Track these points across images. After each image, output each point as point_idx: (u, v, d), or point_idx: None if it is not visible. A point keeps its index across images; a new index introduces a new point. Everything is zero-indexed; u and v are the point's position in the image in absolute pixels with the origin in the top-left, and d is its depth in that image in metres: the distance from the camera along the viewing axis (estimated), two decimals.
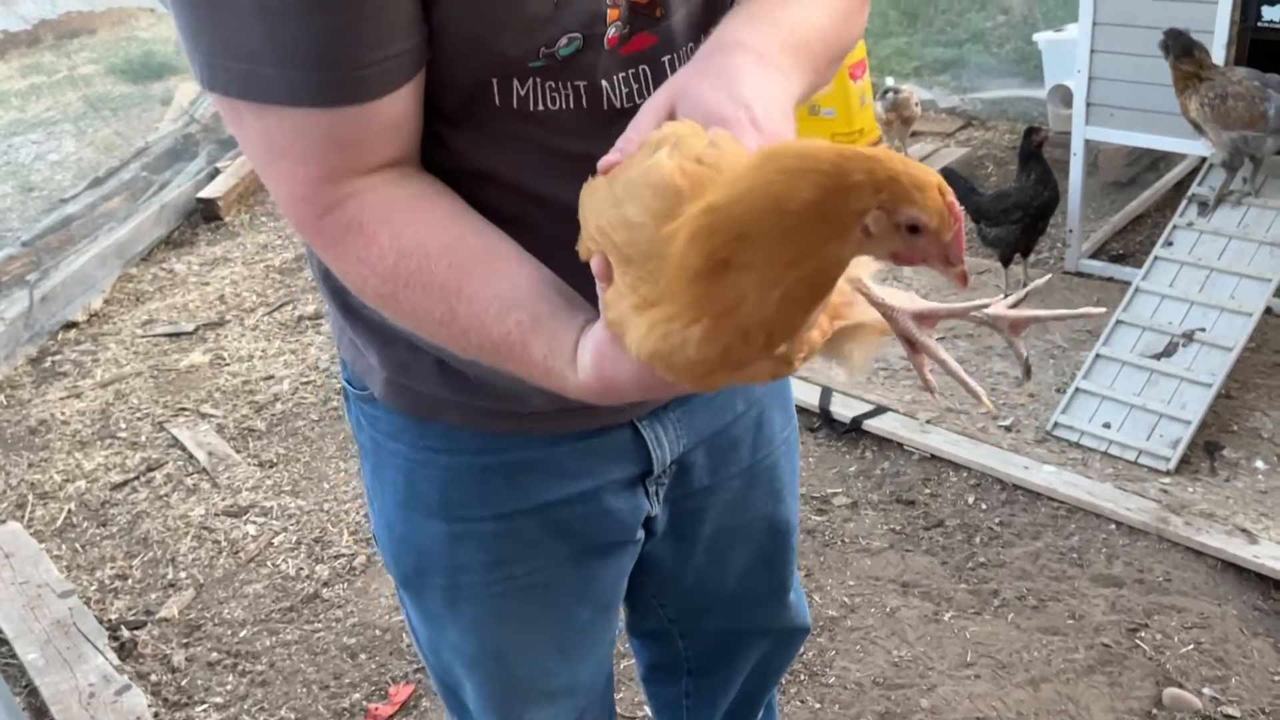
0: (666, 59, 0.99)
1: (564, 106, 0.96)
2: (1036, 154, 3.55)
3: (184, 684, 2.60)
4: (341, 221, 0.91)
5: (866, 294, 0.88)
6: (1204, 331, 3.00)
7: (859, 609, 2.59)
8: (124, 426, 3.68)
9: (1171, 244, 3.22)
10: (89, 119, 6.64)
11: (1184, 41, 3.09)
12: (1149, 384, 2.98)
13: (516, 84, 0.94)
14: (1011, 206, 3.55)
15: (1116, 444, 2.93)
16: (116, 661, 2.63)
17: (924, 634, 2.49)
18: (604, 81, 0.96)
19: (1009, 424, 3.12)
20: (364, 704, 2.49)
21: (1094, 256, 3.94)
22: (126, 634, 2.74)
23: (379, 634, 2.67)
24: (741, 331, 0.72)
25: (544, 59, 0.93)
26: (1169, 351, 3.02)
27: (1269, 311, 3.17)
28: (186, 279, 4.73)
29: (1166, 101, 3.22)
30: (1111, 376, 3.04)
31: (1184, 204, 3.29)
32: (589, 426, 1.17)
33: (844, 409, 3.19)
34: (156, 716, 2.51)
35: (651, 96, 0.87)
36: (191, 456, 3.48)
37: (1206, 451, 2.90)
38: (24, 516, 3.27)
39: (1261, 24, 3.15)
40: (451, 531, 1.19)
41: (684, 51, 1.00)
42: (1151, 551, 2.62)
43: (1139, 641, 2.39)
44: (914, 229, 0.70)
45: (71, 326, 4.36)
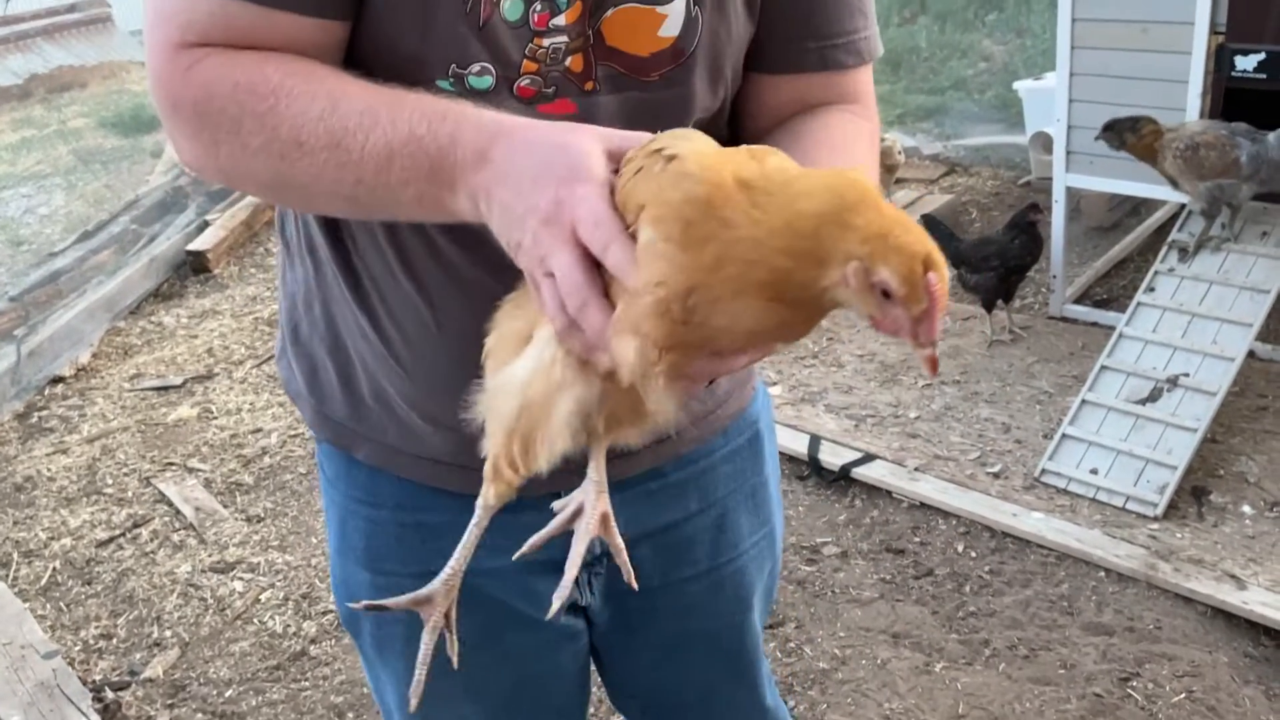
0: None
1: None
2: (1028, 226, 3.59)
3: None
4: (214, 61, 0.89)
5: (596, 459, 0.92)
6: (1188, 376, 3.02)
7: (850, 661, 2.57)
8: (110, 482, 3.66)
9: (1154, 290, 3.25)
10: (79, 172, 6.68)
11: (1124, 122, 3.16)
12: (1135, 429, 3.00)
13: None
14: (991, 255, 3.60)
15: (1104, 490, 2.93)
16: None
17: (915, 685, 2.47)
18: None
19: (997, 470, 3.13)
20: None
21: (1078, 301, 3.97)
22: (110, 695, 2.70)
23: (366, 692, 2.64)
24: (699, 251, 0.74)
25: (453, 80, 0.94)
26: (1154, 397, 3.03)
27: (1251, 355, 3.20)
28: (175, 332, 4.72)
29: None
30: (1098, 422, 3.06)
31: (1165, 250, 3.32)
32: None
33: (832, 457, 3.20)
34: None
35: None
36: (178, 512, 3.46)
37: (1194, 496, 2.91)
38: (8, 575, 3.24)
39: (1235, 74, 3.20)
40: (375, 583, 1.20)
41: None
42: (1141, 599, 2.62)
43: (1131, 691, 2.38)
44: (887, 294, 0.72)
45: (59, 381, 4.35)
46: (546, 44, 0.95)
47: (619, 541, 0.94)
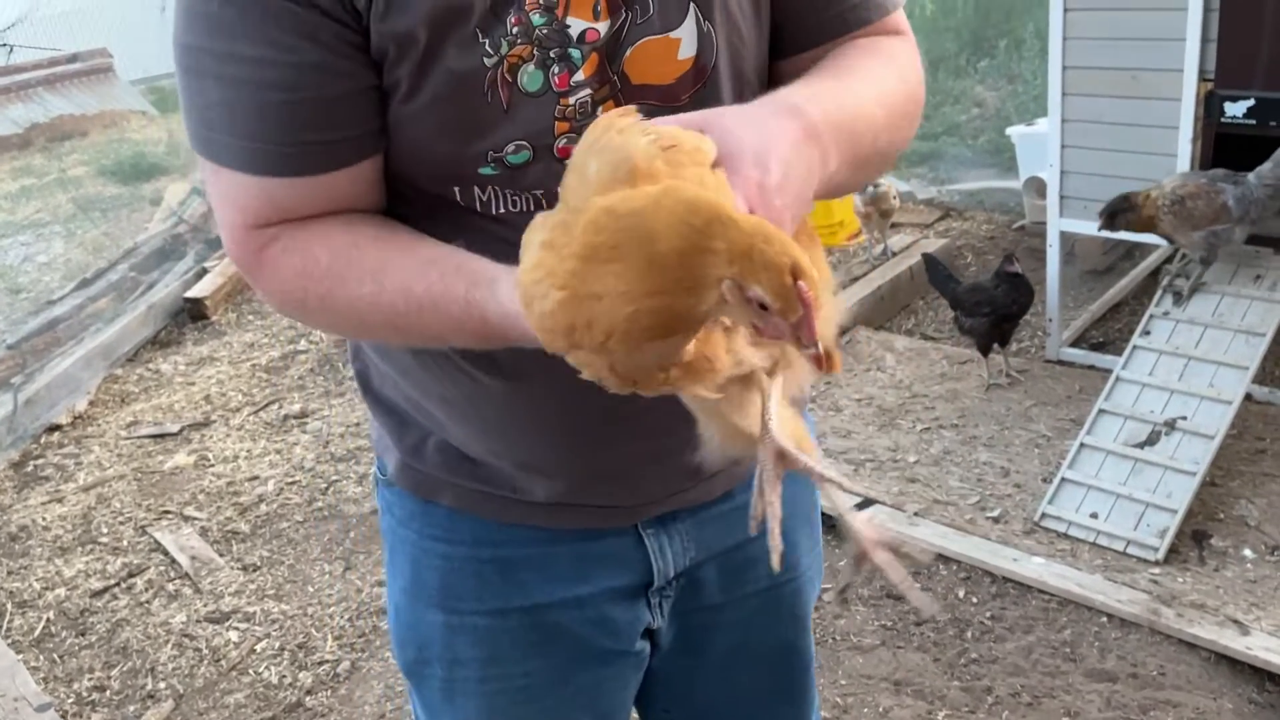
0: None
1: (525, 209, 1.00)
2: (1009, 276, 3.61)
3: None
4: (278, 247, 0.99)
5: (764, 408, 0.92)
6: (1185, 420, 3.02)
7: (852, 709, 2.54)
8: (105, 531, 3.64)
9: (1149, 333, 3.27)
10: (78, 220, 6.71)
11: (1116, 205, 3.20)
12: (1134, 473, 2.99)
13: (477, 190, 0.99)
14: (982, 301, 3.62)
15: (1104, 534, 2.92)
16: None
17: None
18: (560, 189, 1.00)
19: (997, 515, 3.12)
20: None
21: (1074, 345, 3.98)
22: None
23: None
24: (587, 320, 0.76)
25: (494, 164, 0.98)
26: (1152, 440, 3.03)
27: (1248, 398, 3.21)
28: (173, 379, 4.72)
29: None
30: (1096, 466, 3.05)
31: (1159, 294, 3.34)
32: (586, 526, 1.17)
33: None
34: None
35: (688, 113, 0.89)
36: (174, 561, 3.43)
37: (1194, 540, 2.90)
38: (2, 626, 3.21)
39: (1225, 120, 3.24)
40: (449, 623, 1.21)
41: None
42: (1144, 644, 2.60)
43: None
44: (764, 305, 0.75)
45: (55, 429, 4.34)
46: (573, 101, 0.97)
47: (807, 462, 0.90)
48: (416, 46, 0.92)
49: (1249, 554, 2.84)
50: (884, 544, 0.95)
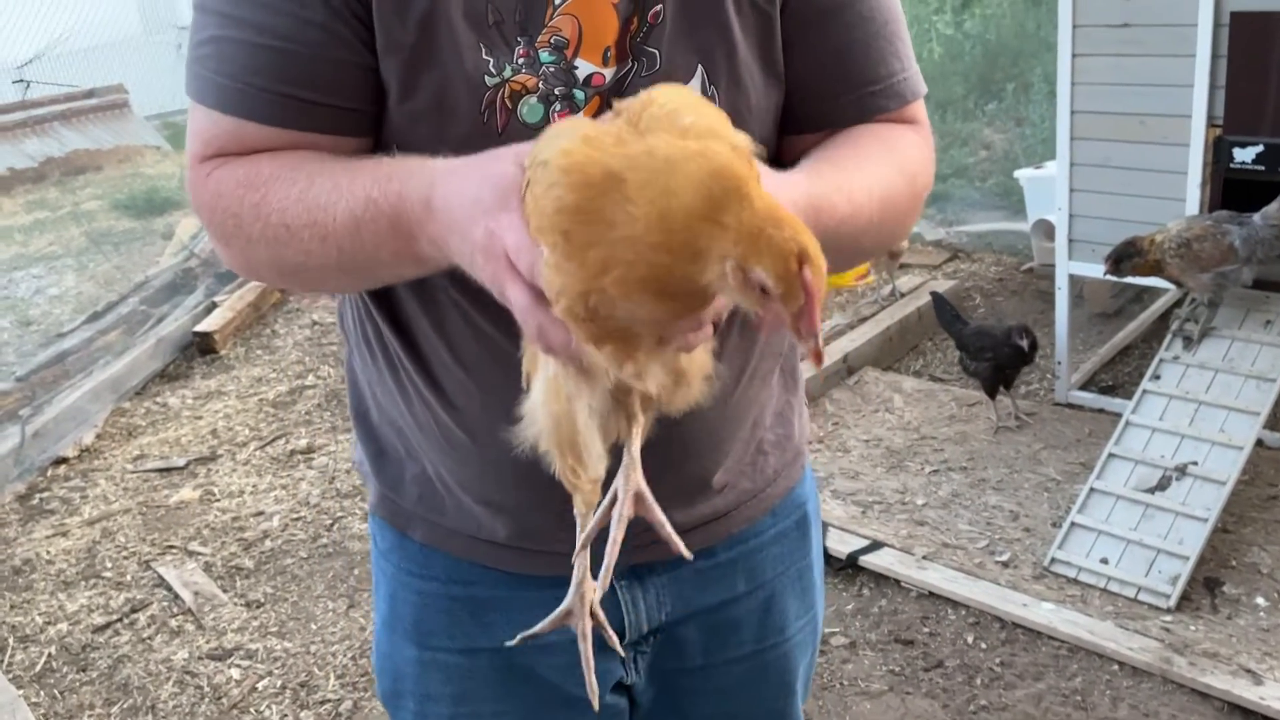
0: None
1: None
2: (1015, 349, 3.60)
3: None
4: (228, 165, 0.98)
5: (631, 439, 0.90)
6: (1196, 465, 3.00)
7: None
8: (109, 566, 3.63)
9: (1159, 377, 3.25)
10: (90, 254, 6.75)
11: (1121, 251, 3.20)
12: (1144, 518, 2.97)
13: None
14: (986, 348, 3.61)
15: (1115, 580, 2.89)
16: None
17: None
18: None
19: (1006, 559, 3.09)
20: None
21: (1083, 388, 3.97)
22: None
23: None
24: (588, 241, 0.73)
25: None
26: (1163, 485, 3.01)
27: (1260, 444, 3.19)
28: (180, 413, 4.73)
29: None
30: (1107, 510, 3.03)
31: (1169, 338, 3.33)
32: (551, 573, 1.14)
33: (839, 544, 3.16)
34: None
35: None
36: (177, 596, 3.41)
37: (1206, 588, 2.87)
38: (3, 661, 3.19)
39: (1234, 166, 3.25)
40: (422, 658, 1.21)
41: None
42: (1157, 694, 2.56)
43: None
44: (765, 291, 0.72)
45: (62, 462, 4.34)
46: None
47: (660, 516, 0.91)
48: (408, 46, 0.93)
49: (1262, 602, 2.81)
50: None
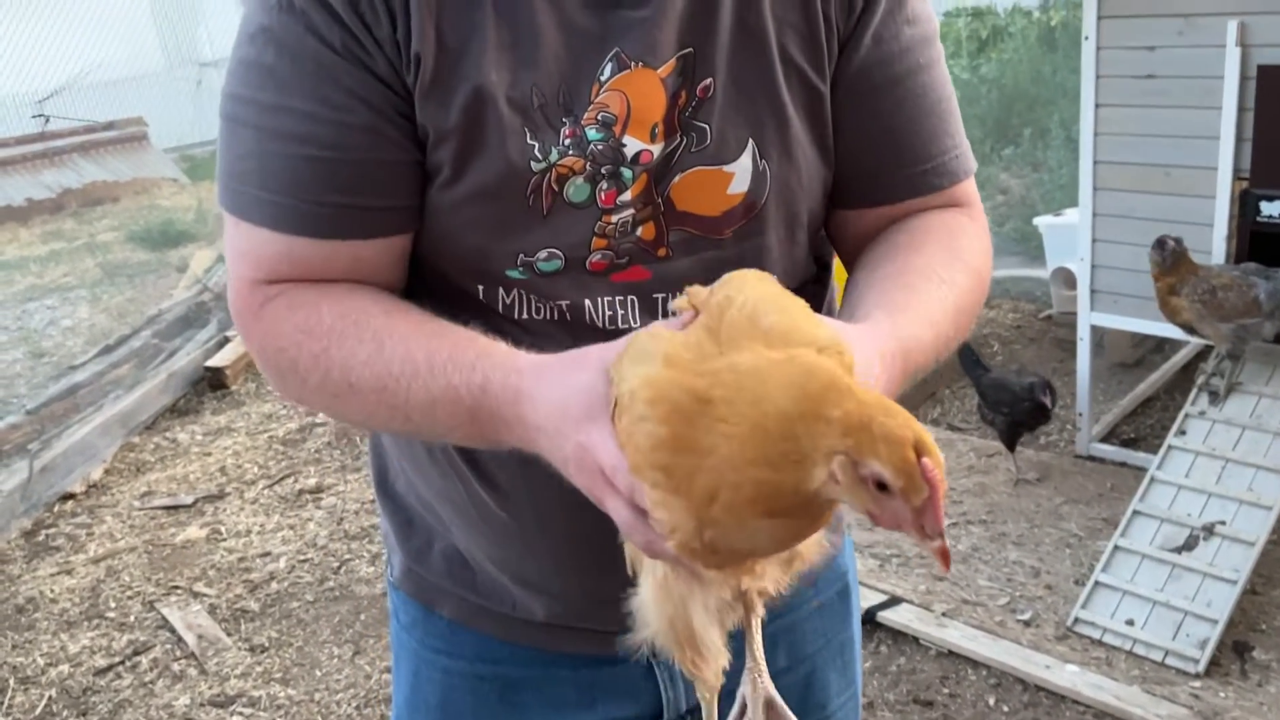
0: (659, 295, 0.99)
1: (548, 318, 0.98)
2: (1038, 406, 3.54)
3: None
4: (283, 301, 0.95)
5: (753, 642, 0.86)
6: (1224, 524, 2.93)
7: None
8: (113, 606, 3.57)
9: (1185, 433, 3.19)
10: (104, 285, 6.76)
11: (1170, 250, 3.14)
12: (1171, 579, 2.89)
13: (501, 291, 0.97)
14: (1004, 401, 3.56)
15: (1141, 643, 2.82)
16: None
17: None
18: (588, 301, 0.97)
19: (1028, 618, 3.02)
20: None
21: (1105, 440, 3.90)
22: None
23: None
24: (689, 473, 0.70)
25: (522, 268, 0.95)
26: (1190, 545, 2.94)
27: None
28: (189, 449, 4.69)
29: None
30: (1132, 570, 2.96)
31: (1194, 393, 3.27)
32: (589, 651, 1.11)
33: (857, 600, 3.09)
34: None
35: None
36: (180, 639, 3.36)
37: (1236, 652, 2.79)
38: (3, 703, 3.13)
39: (1261, 219, 3.20)
40: None
41: (678, 292, 1.00)
42: None
43: None
44: (882, 485, 0.67)
45: (69, 498, 4.30)
46: (615, 219, 0.94)
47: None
48: (456, 132, 0.91)
49: None
50: None
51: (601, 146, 0.92)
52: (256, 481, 4.34)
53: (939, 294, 0.96)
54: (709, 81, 0.94)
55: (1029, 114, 7.27)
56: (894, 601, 3.09)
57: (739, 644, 0.89)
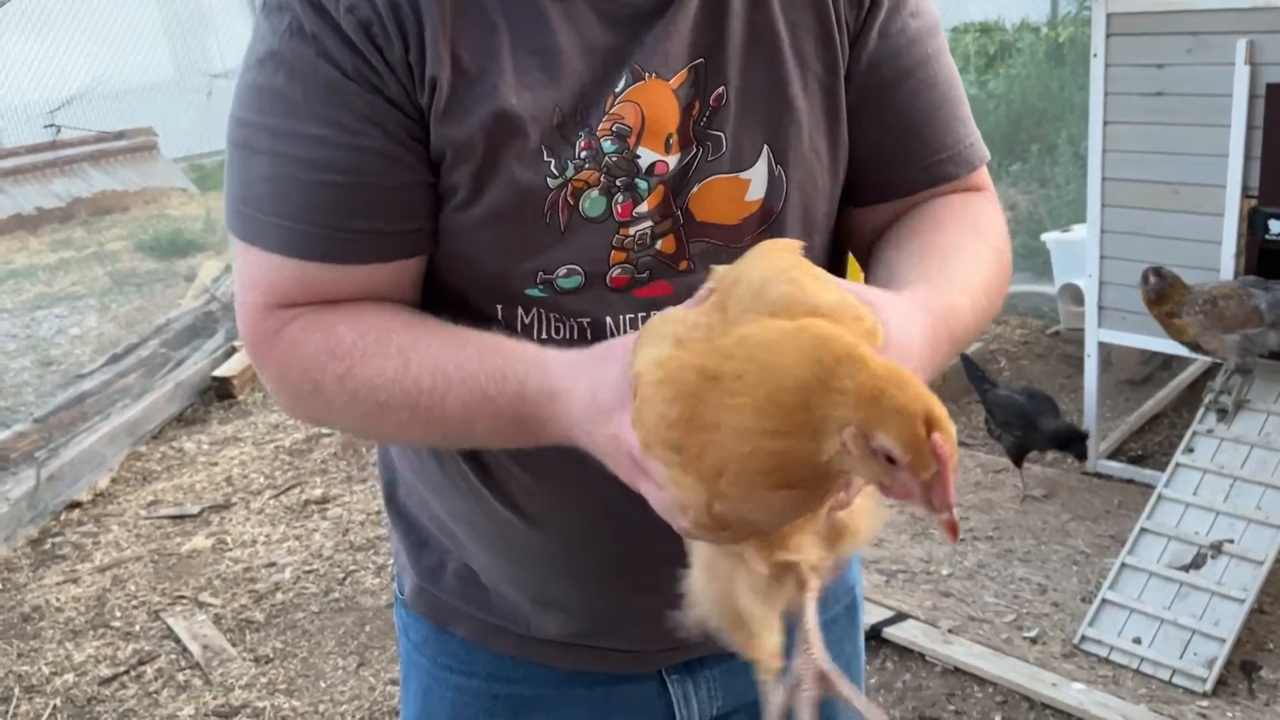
0: None
1: (568, 337, 0.97)
2: (1068, 428, 3.55)
3: None
4: (298, 325, 0.94)
5: (807, 616, 0.85)
6: (1232, 543, 2.92)
7: None
8: (119, 615, 3.58)
9: (1193, 450, 3.18)
10: (113, 294, 6.78)
11: (1153, 285, 3.14)
12: (1179, 597, 2.88)
13: (521, 311, 0.96)
14: (1012, 421, 3.55)
15: (1149, 661, 2.80)
16: None
17: None
18: (608, 319, 0.97)
19: (1034, 635, 3.01)
20: None
21: (1112, 457, 3.89)
22: None
23: None
24: (699, 449, 0.71)
25: (542, 286, 0.95)
26: (1198, 563, 2.93)
27: None
28: (195, 458, 4.70)
29: None
30: (1139, 588, 2.95)
31: (1202, 411, 3.26)
32: (603, 669, 1.11)
33: (862, 615, 3.08)
34: None
35: (850, 284, 0.85)
36: (185, 649, 3.36)
37: (1243, 672, 2.77)
38: (8, 712, 3.13)
39: (1269, 236, 3.20)
40: None
41: None
42: None
43: None
44: (891, 459, 0.67)
45: (75, 506, 4.31)
46: (633, 232, 0.94)
47: (848, 691, 0.87)
48: (474, 154, 0.90)
49: None
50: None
51: (616, 158, 0.92)
52: (262, 492, 4.35)
53: (970, 267, 0.97)
54: (721, 90, 0.94)
55: (1037, 130, 7.27)
56: (900, 618, 3.08)
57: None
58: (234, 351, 5.52)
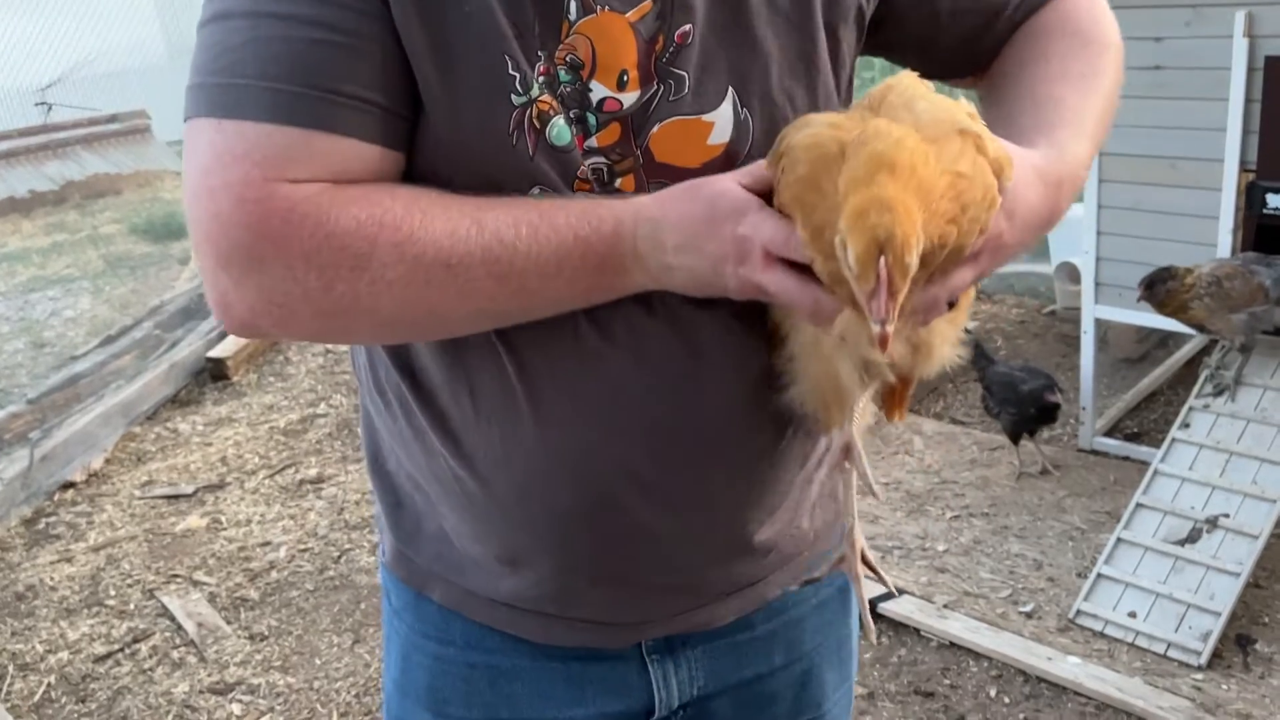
0: None
1: None
2: (1047, 407, 3.54)
3: None
4: (325, 198, 0.81)
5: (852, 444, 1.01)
6: (1228, 517, 2.92)
7: None
8: (113, 594, 3.57)
9: (1189, 425, 3.17)
10: (106, 277, 6.76)
11: (1158, 272, 3.11)
12: (1174, 571, 2.88)
13: None
14: (1009, 400, 3.54)
15: (1144, 635, 2.80)
16: None
17: None
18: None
19: (1030, 610, 3.01)
20: None
21: (1108, 434, 3.89)
22: None
23: None
24: (811, 213, 0.81)
25: None
26: (1193, 537, 2.93)
27: None
28: (190, 439, 4.68)
29: None
30: (1134, 562, 2.94)
31: (1199, 386, 3.25)
32: (578, 644, 1.09)
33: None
34: None
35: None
36: (180, 627, 3.35)
37: (1238, 645, 2.77)
38: (2, 689, 3.12)
39: (1267, 211, 3.18)
40: None
41: None
42: None
43: None
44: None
45: (69, 487, 4.29)
46: (587, 165, 0.91)
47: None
48: (434, 50, 0.84)
49: None
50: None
51: (570, 89, 0.89)
52: (257, 471, 4.34)
53: (1086, 102, 1.01)
54: (688, 28, 0.90)
55: None
56: (896, 593, 3.08)
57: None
58: (228, 333, 5.51)
